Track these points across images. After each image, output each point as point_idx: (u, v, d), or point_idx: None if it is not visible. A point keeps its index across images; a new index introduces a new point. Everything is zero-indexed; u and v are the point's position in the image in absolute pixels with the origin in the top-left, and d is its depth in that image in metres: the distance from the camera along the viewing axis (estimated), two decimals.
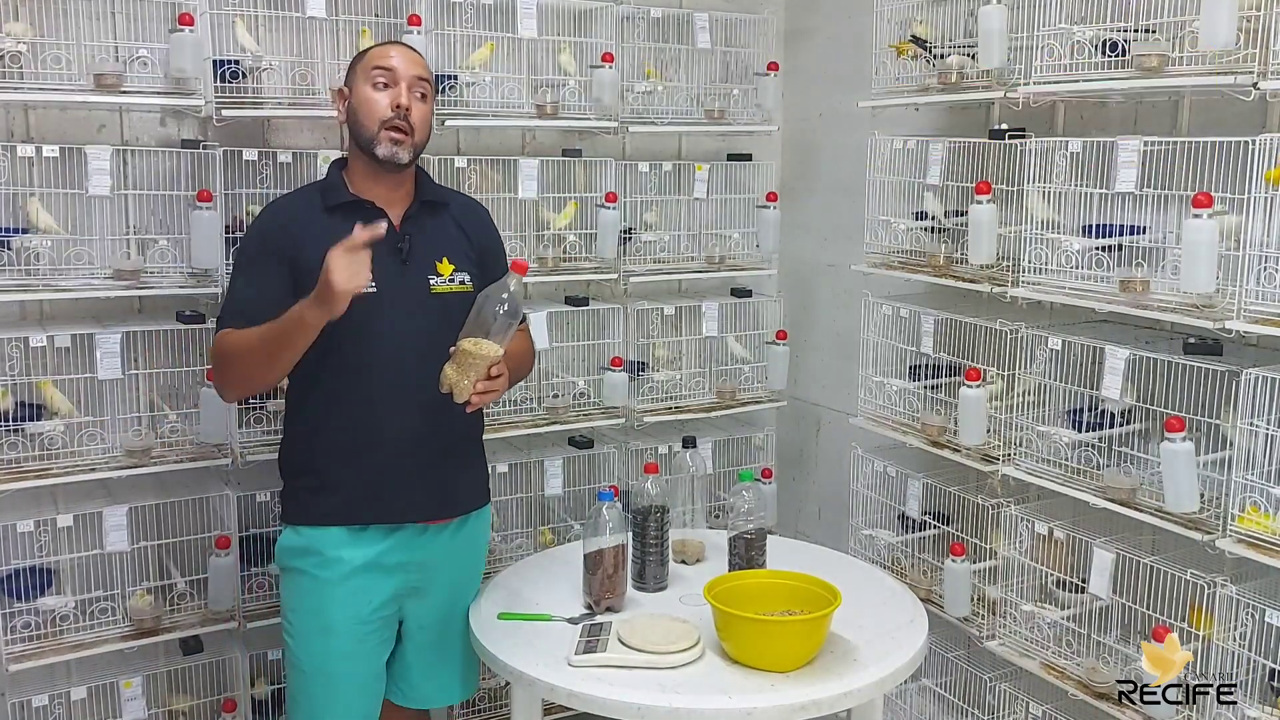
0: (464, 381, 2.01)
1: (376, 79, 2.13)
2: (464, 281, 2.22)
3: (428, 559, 2.22)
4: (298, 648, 2.19)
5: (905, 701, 2.99)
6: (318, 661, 2.17)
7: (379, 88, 2.13)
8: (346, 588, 2.14)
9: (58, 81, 2.47)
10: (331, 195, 2.16)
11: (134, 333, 2.60)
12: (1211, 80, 2.04)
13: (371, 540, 2.16)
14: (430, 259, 2.20)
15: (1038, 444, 2.49)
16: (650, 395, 3.25)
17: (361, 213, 2.12)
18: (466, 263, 2.24)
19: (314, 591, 2.16)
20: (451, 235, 2.25)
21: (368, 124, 2.12)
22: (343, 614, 2.15)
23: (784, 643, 1.94)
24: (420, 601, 2.25)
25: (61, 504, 2.57)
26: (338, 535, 2.15)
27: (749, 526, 2.29)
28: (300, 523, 2.18)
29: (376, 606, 2.18)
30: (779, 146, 3.63)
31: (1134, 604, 2.30)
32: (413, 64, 2.17)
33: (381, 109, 2.12)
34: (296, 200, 2.23)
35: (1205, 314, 2.08)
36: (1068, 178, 2.41)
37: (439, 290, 2.19)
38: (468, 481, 2.30)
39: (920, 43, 2.79)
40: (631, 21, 3.23)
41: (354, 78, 2.17)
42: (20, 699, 2.59)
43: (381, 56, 2.15)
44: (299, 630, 2.18)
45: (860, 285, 3.13)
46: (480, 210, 2.38)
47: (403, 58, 2.16)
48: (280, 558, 2.22)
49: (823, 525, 3.59)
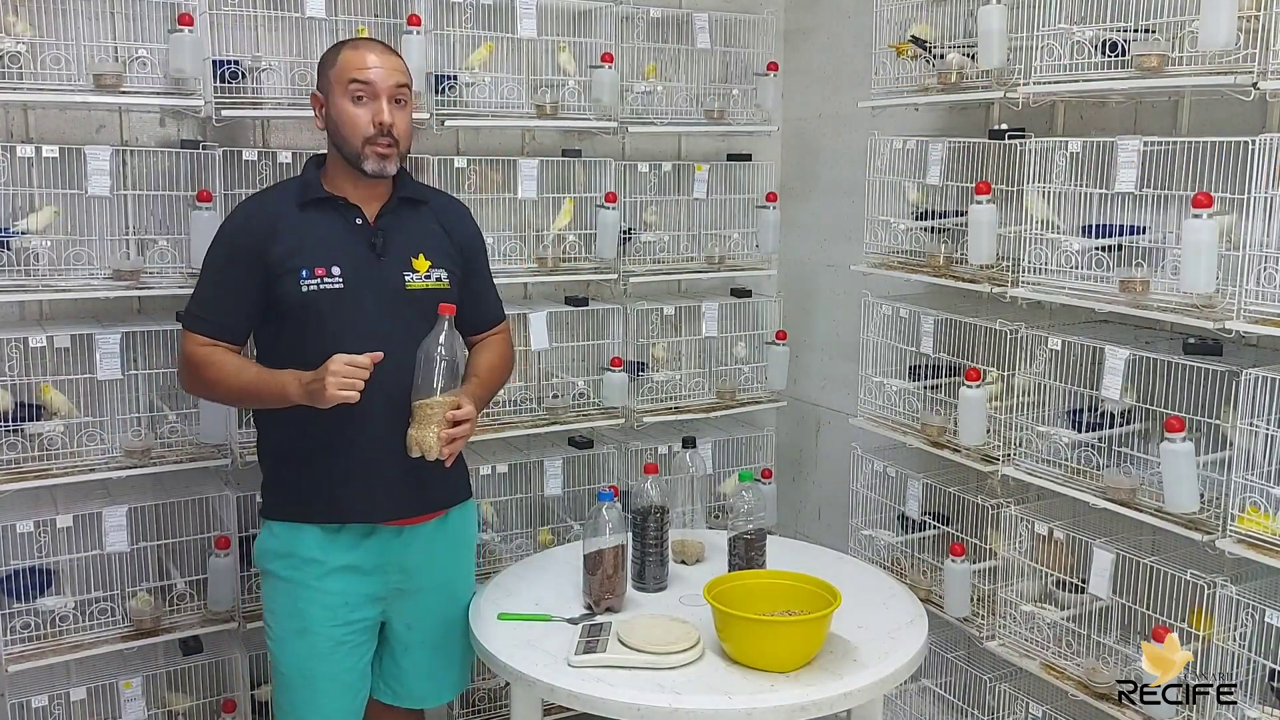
0: (429, 438, 2.03)
1: (355, 93, 2.08)
2: (441, 279, 2.19)
3: (409, 561, 2.21)
4: (278, 650, 2.19)
5: (905, 702, 2.99)
6: (297, 663, 2.17)
7: (358, 101, 2.08)
8: (323, 589, 2.14)
9: (57, 81, 2.46)
10: (306, 191, 2.16)
11: (134, 333, 2.60)
12: (1211, 80, 2.04)
13: (348, 542, 2.15)
14: (405, 255, 2.17)
15: (1038, 444, 2.49)
16: (650, 395, 3.25)
17: (335, 209, 2.14)
18: (446, 260, 2.22)
19: (291, 593, 2.15)
20: (431, 231, 2.23)
21: (351, 139, 2.09)
22: (320, 616, 2.14)
23: (784, 643, 1.94)
24: (408, 602, 2.24)
25: (61, 504, 2.57)
26: (314, 536, 2.14)
27: (749, 527, 2.29)
28: (276, 518, 2.18)
29: (355, 607, 2.17)
30: (779, 147, 3.63)
31: (1134, 604, 2.30)
32: (391, 72, 2.10)
33: (364, 125, 2.08)
34: (270, 196, 2.23)
35: (1205, 314, 2.08)
36: (1068, 178, 2.41)
37: (414, 286, 2.16)
38: (445, 477, 2.18)
39: (920, 43, 2.79)
40: (631, 21, 3.23)
41: (329, 86, 2.11)
42: (20, 699, 2.58)
43: (357, 67, 2.08)
44: (278, 633, 2.19)
45: (860, 285, 3.13)
46: (461, 208, 2.36)
47: (380, 68, 2.09)
48: (258, 560, 2.22)
49: (823, 525, 3.59)
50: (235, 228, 2.16)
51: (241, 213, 2.20)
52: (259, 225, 2.12)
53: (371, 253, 2.14)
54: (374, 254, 2.14)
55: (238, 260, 2.11)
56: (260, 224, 2.12)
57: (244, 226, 2.15)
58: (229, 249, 2.14)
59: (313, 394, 1.99)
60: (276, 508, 2.20)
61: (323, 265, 2.10)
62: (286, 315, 2.11)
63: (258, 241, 2.10)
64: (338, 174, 2.17)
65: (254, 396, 2.11)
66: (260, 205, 2.19)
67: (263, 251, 2.09)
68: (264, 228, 2.11)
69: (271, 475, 2.23)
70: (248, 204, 2.23)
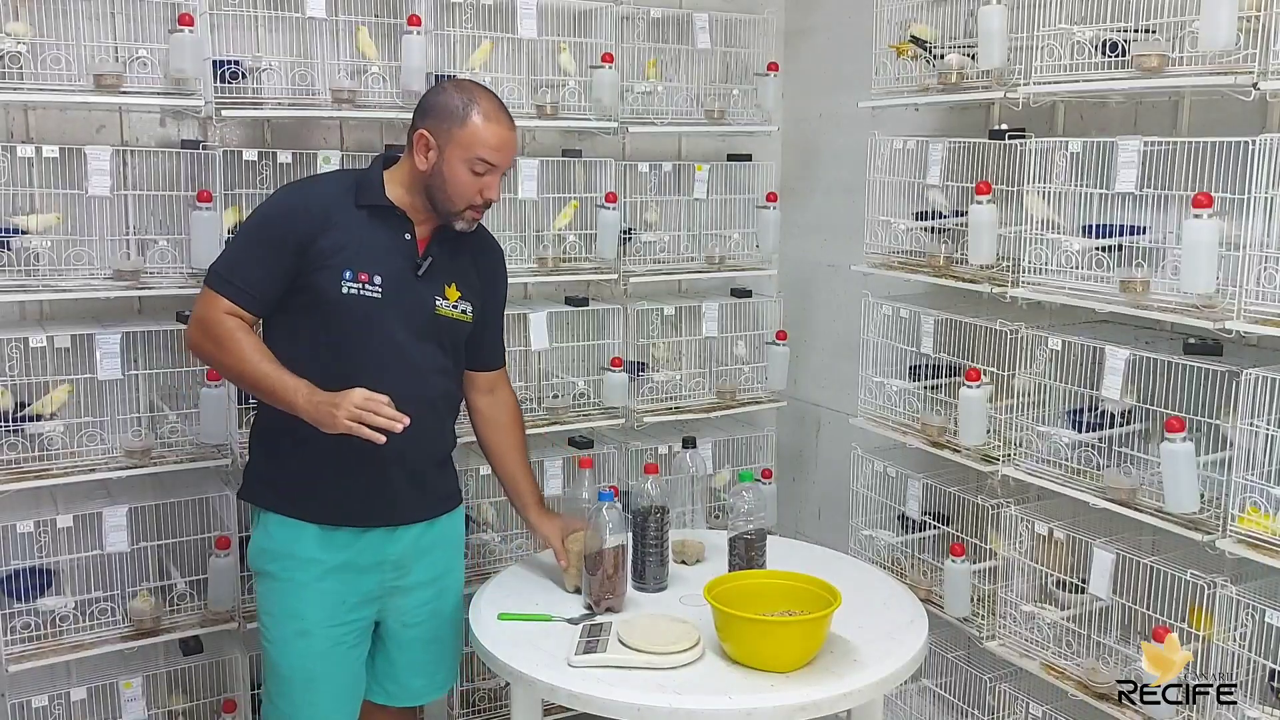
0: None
1: (478, 168, 2.10)
2: (466, 311, 2.24)
3: (402, 556, 2.23)
4: (276, 652, 2.18)
5: (905, 702, 2.99)
6: (297, 664, 2.16)
7: (476, 175, 2.11)
8: (321, 589, 2.14)
9: (58, 82, 2.46)
10: (367, 194, 2.15)
11: (134, 333, 2.60)
12: (1211, 80, 2.04)
13: (344, 541, 2.16)
14: (441, 281, 2.21)
15: (1038, 444, 2.49)
16: (650, 395, 3.25)
17: (391, 219, 2.15)
18: (472, 295, 2.26)
19: (289, 594, 2.15)
20: (464, 265, 2.26)
21: (456, 203, 2.12)
22: (319, 615, 2.15)
23: (784, 643, 1.93)
24: (402, 599, 2.25)
25: (61, 504, 2.57)
26: (312, 535, 2.14)
27: (749, 527, 2.29)
28: (270, 509, 2.17)
29: (352, 606, 2.18)
30: (779, 147, 3.63)
31: (1134, 604, 2.30)
32: (511, 152, 2.15)
33: (472, 194, 2.12)
34: (326, 186, 2.20)
35: (1205, 314, 2.08)
36: (1068, 178, 2.41)
37: (441, 313, 2.20)
38: (442, 487, 2.31)
39: (920, 43, 2.79)
40: (631, 21, 3.23)
41: (450, 143, 2.09)
42: (20, 699, 2.59)
43: (492, 147, 2.10)
44: (276, 634, 2.18)
45: (860, 285, 3.13)
46: (498, 251, 2.40)
47: (506, 151, 2.13)
48: (254, 561, 2.22)
49: (823, 525, 3.59)
50: (288, 209, 2.14)
51: (298, 195, 2.18)
52: (315, 213, 2.10)
53: (412, 271, 2.16)
54: (414, 273, 2.16)
55: (283, 241, 2.09)
56: (316, 213, 2.10)
57: (298, 210, 2.12)
58: (277, 227, 2.11)
59: (319, 415, 2.00)
60: (270, 499, 2.18)
61: (366, 271, 2.10)
62: (312, 310, 2.10)
63: (307, 228, 2.08)
64: (405, 188, 2.16)
65: (260, 388, 2.09)
66: (318, 193, 2.17)
67: (309, 241, 2.08)
68: (319, 218, 2.09)
69: (268, 465, 2.21)
70: (304, 187, 2.22)
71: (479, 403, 2.42)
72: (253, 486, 2.24)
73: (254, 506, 2.23)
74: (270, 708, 2.24)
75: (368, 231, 2.12)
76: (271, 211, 2.15)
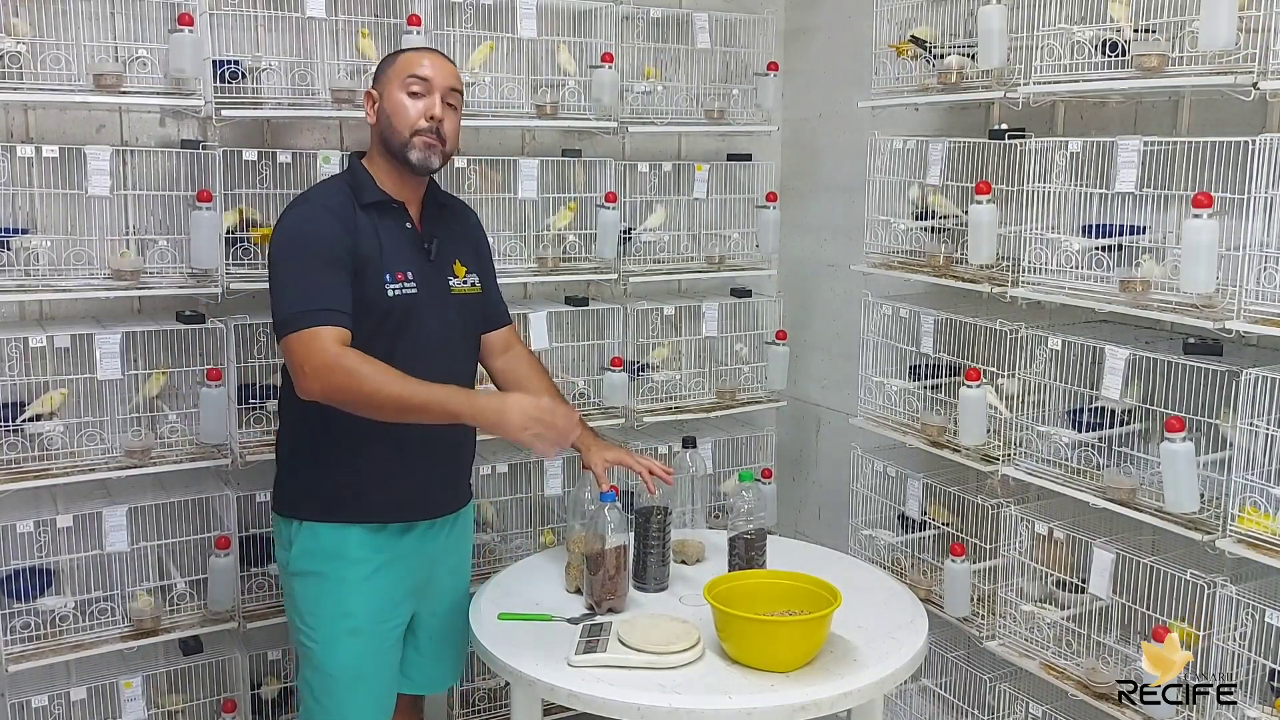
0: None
1: (411, 86, 2.13)
2: (475, 283, 2.30)
3: (435, 551, 2.27)
4: (323, 652, 2.16)
5: (905, 702, 2.99)
6: (347, 662, 2.16)
7: (413, 95, 2.13)
8: (370, 587, 2.16)
9: (57, 82, 2.46)
10: (364, 193, 2.16)
11: (134, 333, 2.60)
12: (1211, 80, 2.04)
13: (390, 538, 2.18)
14: (449, 260, 2.25)
15: (1038, 444, 2.49)
16: (650, 395, 3.25)
17: (390, 212, 2.17)
18: (474, 264, 2.31)
19: (338, 593, 2.15)
20: (457, 235, 2.30)
21: (400, 129, 2.13)
22: (369, 613, 2.17)
23: (784, 643, 1.93)
24: (431, 590, 2.29)
25: (61, 504, 2.57)
26: (359, 535, 2.15)
27: (749, 527, 2.29)
28: (316, 520, 2.15)
29: (398, 601, 2.21)
30: (779, 146, 3.63)
31: (1134, 604, 2.30)
32: (447, 75, 2.17)
33: (415, 117, 2.13)
34: (333, 196, 2.14)
35: (1205, 314, 2.08)
36: (1068, 178, 2.41)
37: (457, 291, 2.25)
38: (465, 474, 2.37)
39: (920, 43, 2.79)
40: (631, 21, 3.23)
41: (386, 82, 2.16)
42: (20, 699, 2.59)
43: (416, 64, 2.15)
44: (324, 635, 2.16)
45: (860, 285, 3.13)
46: (471, 211, 2.44)
47: (437, 68, 2.16)
48: (297, 562, 2.17)
49: (823, 525, 3.59)
50: (322, 225, 2.07)
51: (319, 208, 2.10)
52: (345, 223, 2.08)
53: (426, 258, 2.19)
54: (428, 260, 2.19)
55: (337, 257, 2.05)
56: (346, 220, 2.09)
57: (333, 223, 2.07)
58: (325, 245, 2.05)
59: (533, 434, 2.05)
60: (315, 511, 2.16)
61: (400, 270, 2.13)
62: (361, 320, 2.06)
63: (347, 239, 2.07)
64: (381, 173, 2.19)
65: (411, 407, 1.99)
66: (333, 205, 2.11)
67: (353, 250, 2.08)
68: (349, 227, 2.09)
69: (306, 479, 2.18)
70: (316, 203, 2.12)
71: (496, 364, 2.42)
72: (293, 500, 2.20)
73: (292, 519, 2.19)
74: (314, 706, 2.19)
75: (381, 231, 2.14)
76: (308, 231, 2.07)
